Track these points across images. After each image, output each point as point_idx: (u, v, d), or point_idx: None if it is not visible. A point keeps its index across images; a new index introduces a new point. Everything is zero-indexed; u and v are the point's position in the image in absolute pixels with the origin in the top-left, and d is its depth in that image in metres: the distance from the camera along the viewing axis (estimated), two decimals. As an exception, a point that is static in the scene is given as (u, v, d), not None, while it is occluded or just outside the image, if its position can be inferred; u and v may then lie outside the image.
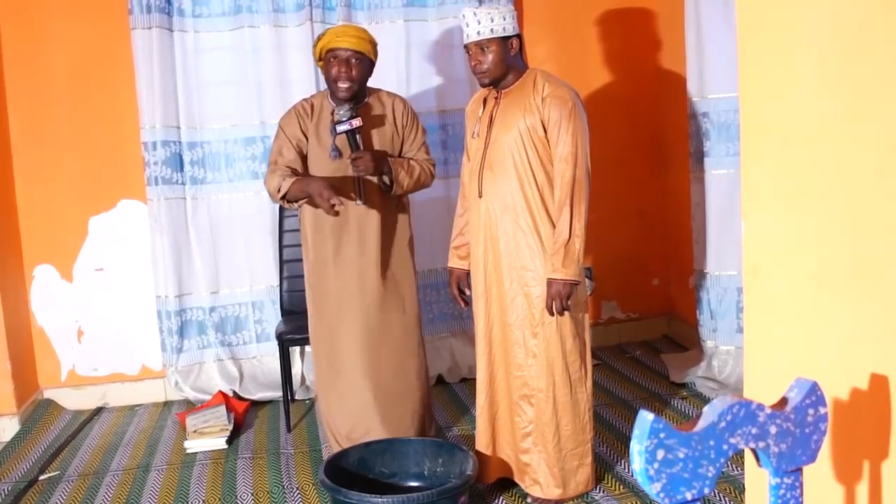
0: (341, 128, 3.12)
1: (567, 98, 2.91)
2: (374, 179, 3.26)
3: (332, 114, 3.19)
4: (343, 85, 3.18)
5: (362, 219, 3.28)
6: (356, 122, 3.11)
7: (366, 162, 3.13)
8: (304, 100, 3.40)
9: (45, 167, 4.29)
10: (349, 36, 3.17)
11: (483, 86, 3.04)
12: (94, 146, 4.33)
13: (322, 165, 3.25)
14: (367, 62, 3.23)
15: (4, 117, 4.23)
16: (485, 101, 3.11)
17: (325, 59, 3.22)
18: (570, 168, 2.88)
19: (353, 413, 3.34)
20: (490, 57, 2.93)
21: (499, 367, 3.09)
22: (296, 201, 3.18)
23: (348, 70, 3.18)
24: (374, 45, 3.25)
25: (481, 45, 2.92)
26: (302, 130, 3.27)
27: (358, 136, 3.15)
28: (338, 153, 3.22)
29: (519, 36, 2.98)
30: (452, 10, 4.44)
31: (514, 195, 2.96)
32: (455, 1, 4.44)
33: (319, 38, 3.25)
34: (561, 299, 2.88)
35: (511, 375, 3.05)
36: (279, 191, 3.15)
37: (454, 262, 3.27)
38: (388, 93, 3.44)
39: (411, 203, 3.53)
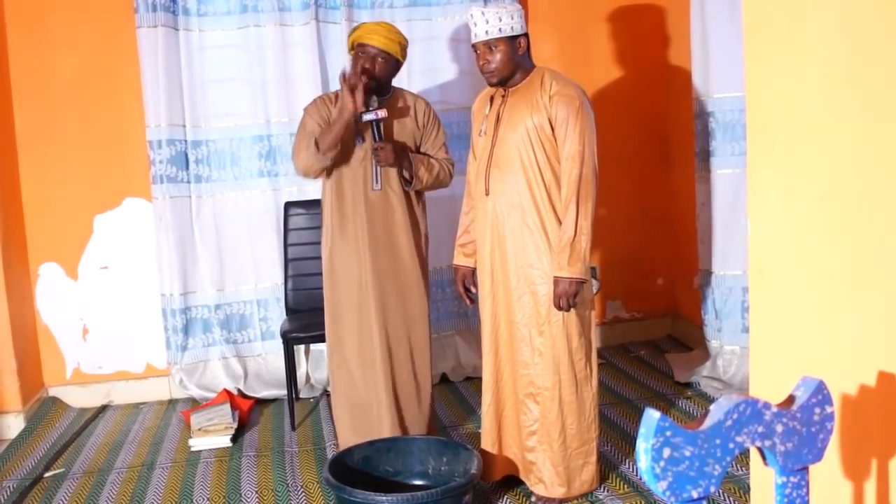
0: (367, 116, 3.18)
1: (574, 96, 2.91)
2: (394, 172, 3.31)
3: None
4: (365, 78, 3.23)
5: (383, 208, 3.32)
6: (381, 113, 3.18)
7: (387, 153, 3.20)
8: (328, 92, 3.52)
9: (50, 165, 4.30)
10: (379, 35, 3.24)
11: (491, 85, 3.04)
12: (99, 145, 4.34)
13: (344, 151, 3.29)
14: (392, 62, 3.29)
15: (10, 116, 4.23)
16: (492, 99, 3.11)
17: (355, 51, 3.30)
18: (577, 166, 2.88)
19: (361, 411, 3.34)
20: (498, 56, 2.93)
21: (505, 366, 3.09)
22: (330, 150, 3.19)
23: (372, 66, 3.24)
24: (402, 46, 3.31)
25: (489, 45, 2.93)
26: (324, 117, 3.32)
27: (381, 127, 3.21)
28: (361, 138, 3.29)
29: (526, 35, 2.98)
30: (457, 10, 4.45)
31: (521, 193, 2.96)
32: (461, 0, 4.45)
33: (354, 30, 3.33)
34: (567, 297, 2.88)
35: (517, 374, 3.05)
36: (309, 146, 3.18)
37: (460, 260, 3.27)
38: (411, 93, 3.50)
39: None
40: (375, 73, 3.24)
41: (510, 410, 3.12)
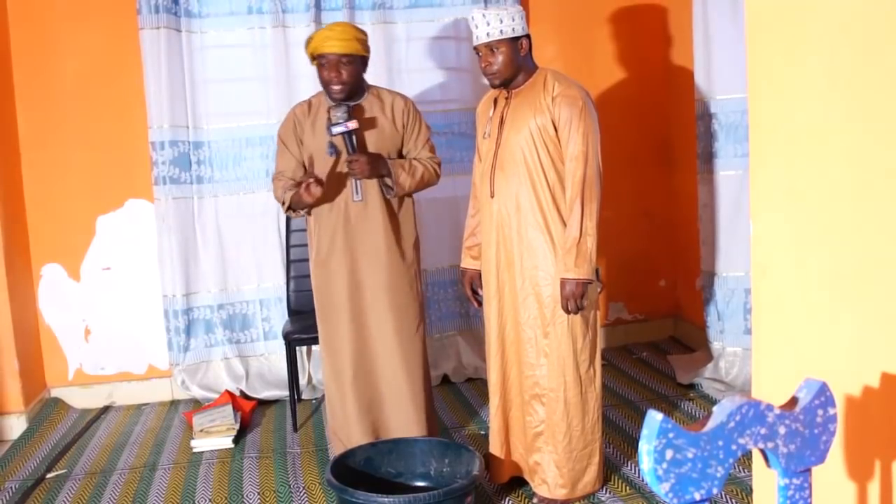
0: (336, 129, 3.11)
1: (577, 97, 2.91)
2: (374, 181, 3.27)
3: (328, 114, 3.18)
4: (335, 88, 3.19)
5: (364, 218, 3.27)
6: (352, 125, 3.11)
7: (361, 165, 3.14)
8: (302, 102, 3.40)
9: (53, 166, 4.30)
10: (335, 39, 3.14)
11: (494, 87, 3.04)
12: (101, 145, 4.34)
13: (321, 163, 3.26)
14: (357, 61, 3.21)
15: (13, 117, 4.24)
16: (495, 101, 3.11)
17: (317, 62, 3.23)
18: (581, 167, 2.88)
19: (355, 416, 3.33)
20: (500, 58, 2.93)
21: (512, 367, 3.09)
22: (297, 210, 3.27)
23: (338, 74, 3.17)
24: (362, 41, 3.22)
25: (491, 47, 2.92)
26: (298, 136, 3.29)
27: (354, 139, 3.15)
28: (334, 150, 3.21)
29: (528, 36, 2.98)
30: (457, 11, 4.45)
31: (525, 195, 2.96)
32: (462, 2, 4.45)
33: (308, 42, 3.23)
34: (575, 299, 2.88)
35: (523, 375, 3.05)
36: (284, 203, 3.26)
37: (467, 263, 3.27)
38: (389, 91, 3.42)
39: (416, 201, 3.52)
40: (344, 79, 3.17)
41: (517, 411, 3.11)
